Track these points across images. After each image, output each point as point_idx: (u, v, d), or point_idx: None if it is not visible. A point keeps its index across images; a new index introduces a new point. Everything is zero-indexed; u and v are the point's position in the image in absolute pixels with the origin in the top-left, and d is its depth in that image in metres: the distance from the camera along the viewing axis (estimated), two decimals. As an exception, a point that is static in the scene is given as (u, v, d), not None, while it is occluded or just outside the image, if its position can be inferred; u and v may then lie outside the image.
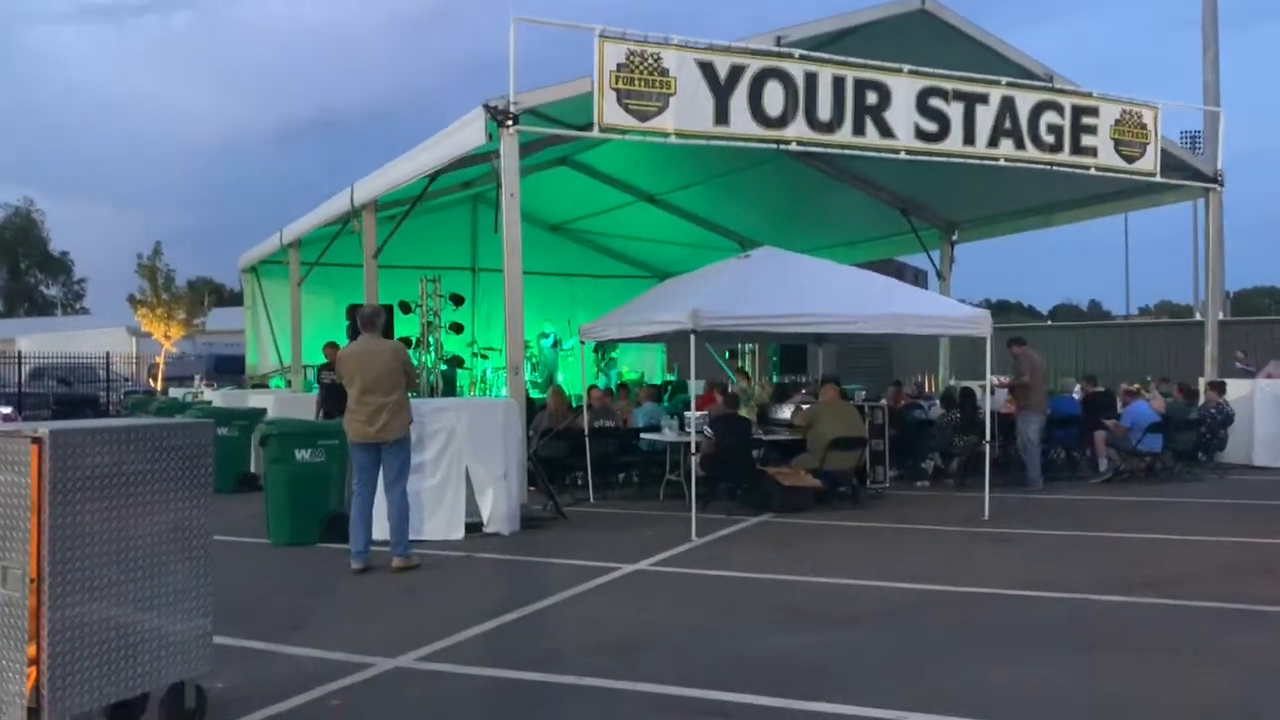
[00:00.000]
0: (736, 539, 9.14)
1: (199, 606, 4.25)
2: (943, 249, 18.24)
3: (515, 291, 10.15)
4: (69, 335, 37.61)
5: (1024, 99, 12.83)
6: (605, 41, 10.39)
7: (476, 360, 19.70)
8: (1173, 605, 6.51)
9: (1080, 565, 7.85)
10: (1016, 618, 6.33)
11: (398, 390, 7.82)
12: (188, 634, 4.20)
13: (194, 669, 4.27)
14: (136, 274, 33.92)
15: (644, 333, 10.72)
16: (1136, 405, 12.80)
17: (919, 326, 10.15)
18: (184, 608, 4.18)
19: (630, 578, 7.51)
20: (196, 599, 4.24)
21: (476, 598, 6.91)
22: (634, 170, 17.89)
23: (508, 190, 10.13)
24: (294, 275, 17.64)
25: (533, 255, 17.24)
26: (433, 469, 8.96)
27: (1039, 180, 14.17)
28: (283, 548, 8.86)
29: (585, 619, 6.35)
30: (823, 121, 11.59)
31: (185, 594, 4.18)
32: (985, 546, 8.72)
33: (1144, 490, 12.00)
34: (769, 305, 9.70)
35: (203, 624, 4.27)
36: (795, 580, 7.36)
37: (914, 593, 6.92)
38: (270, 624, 6.21)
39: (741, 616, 6.36)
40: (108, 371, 31.76)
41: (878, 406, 11.76)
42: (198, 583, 4.24)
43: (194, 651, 4.24)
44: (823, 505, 10.64)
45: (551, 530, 9.56)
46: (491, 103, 10.04)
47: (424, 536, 8.73)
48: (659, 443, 11.68)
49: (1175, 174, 14.36)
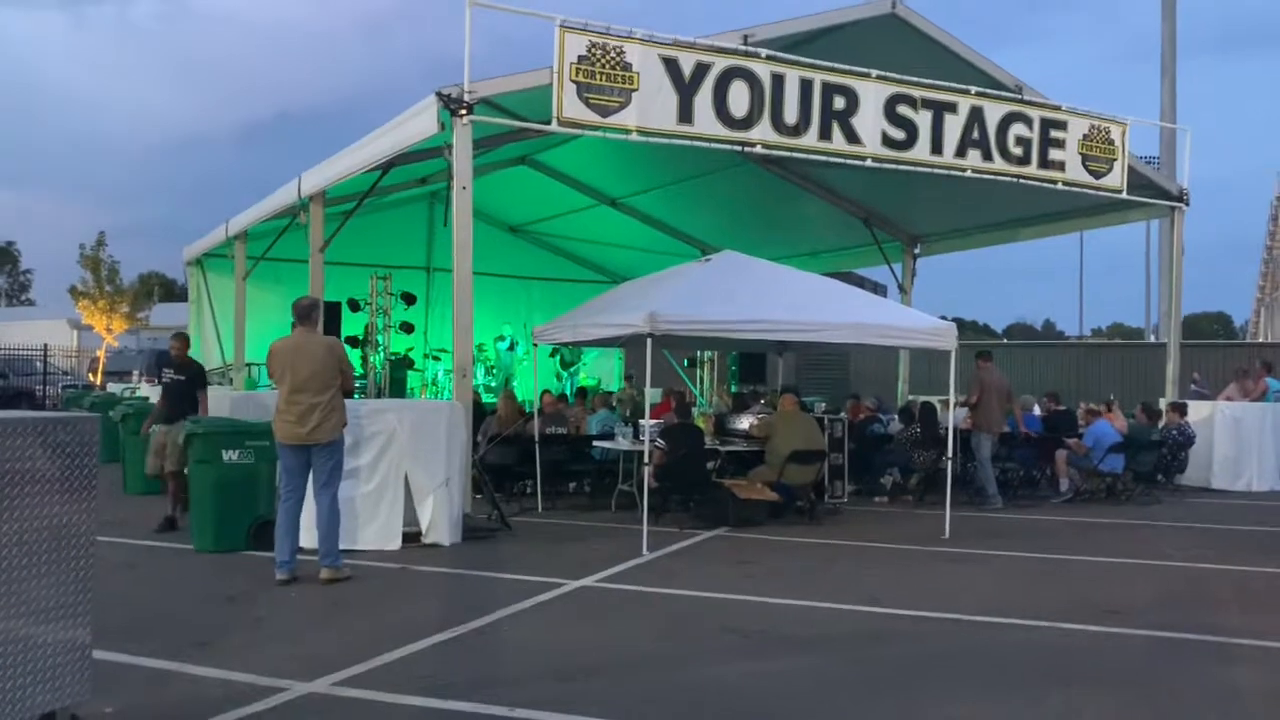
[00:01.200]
0: (689, 554, 8.72)
1: (76, 622, 3.75)
2: (905, 262, 18.01)
3: (465, 289, 9.67)
4: (6, 326, 36.36)
5: (993, 110, 12.60)
6: (566, 32, 9.97)
7: (429, 362, 19.17)
8: (1144, 636, 6.20)
9: (1045, 590, 7.53)
10: (981, 647, 5.97)
11: (330, 389, 7.30)
12: (61, 655, 3.70)
13: (68, 696, 3.76)
14: (78, 265, 32.87)
15: (599, 336, 10.28)
16: (1099, 424, 12.59)
17: (882, 337, 9.82)
18: (57, 624, 3.67)
19: (575, 595, 7.06)
20: (73, 614, 3.74)
21: (408, 615, 6.42)
22: (595, 172, 17.48)
23: (459, 183, 9.65)
24: (239, 269, 16.95)
25: (491, 257, 16.86)
26: (369, 474, 8.45)
27: (1005, 194, 13.98)
28: (206, 554, 8.30)
29: (524, 641, 5.89)
30: (789, 125, 11.26)
31: (58, 608, 3.68)
32: (946, 567, 8.38)
33: (1105, 511, 11.77)
34: (729, 310, 9.31)
35: (79, 643, 3.76)
36: (749, 600, 6.96)
37: (873, 617, 6.55)
38: (177, 640, 5.68)
39: (691, 640, 5.93)
40: (45, 364, 30.68)
41: (837, 419, 11.41)
42: (75, 596, 3.73)
43: (68, 676, 3.73)
44: (779, 520, 10.27)
45: (495, 542, 9.08)
46: (445, 91, 9.55)
47: (357, 546, 8.22)
48: (612, 451, 11.25)
49: (1141, 192, 14.23)
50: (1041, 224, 16.33)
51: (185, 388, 9.95)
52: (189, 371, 10.15)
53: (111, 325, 32.28)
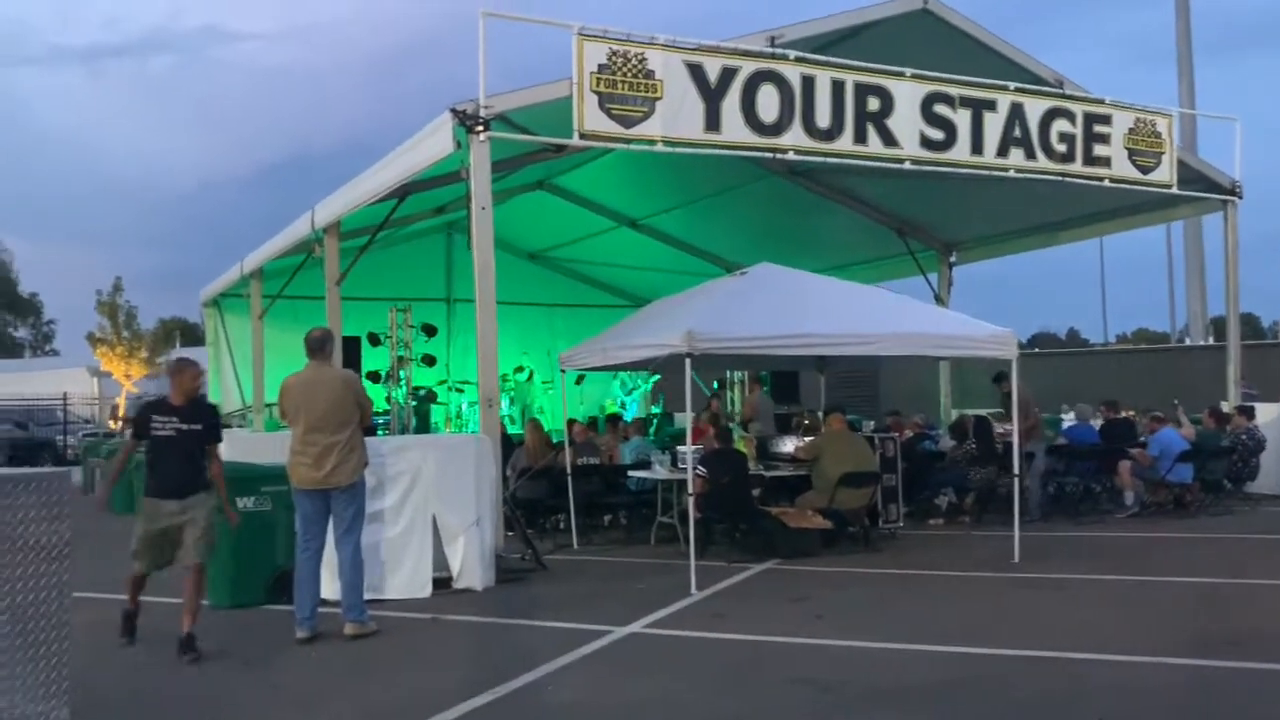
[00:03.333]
0: (741, 591, 8.05)
1: (50, 705, 3.15)
2: (941, 271, 17.34)
3: (488, 315, 9.11)
4: (26, 376, 36.15)
5: (1034, 106, 11.98)
6: (584, 40, 9.45)
7: (452, 394, 18.63)
8: (1273, 672, 5.47)
9: (1145, 618, 6.81)
10: (1087, 690, 5.26)
11: (349, 427, 6.72)
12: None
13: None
14: (96, 311, 32.66)
15: (631, 358, 9.67)
16: (1164, 432, 11.83)
17: (938, 347, 9.16)
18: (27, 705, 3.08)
19: (623, 644, 6.41)
20: (46, 695, 3.14)
21: (440, 676, 5.79)
22: (615, 193, 16.97)
23: (479, 203, 9.10)
24: (255, 308, 16.54)
25: (510, 285, 16.22)
26: (394, 517, 7.85)
27: (1044, 195, 13.36)
28: (223, 610, 7.70)
29: (571, 705, 5.23)
30: (821, 129, 10.68)
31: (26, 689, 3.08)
32: (1024, 595, 7.66)
33: (1176, 525, 11.02)
34: (771, 326, 8.67)
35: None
36: (815, 645, 6.28)
37: (960, 659, 5.86)
38: (184, 713, 5.08)
39: (758, 696, 5.26)
40: (65, 414, 30.37)
41: (889, 438, 10.73)
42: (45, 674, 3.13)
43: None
44: (832, 549, 9.58)
45: (531, 584, 8.44)
46: (460, 107, 9.04)
47: (385, 596, 7.61)
48: (648, 481, 10.62)
49: (1191, 186, 13.54)
50: (1083, 225, 15.65)
51: (198, 440, 6.53)
52: (204, 417, 6.66)
53: (130, 371, 31.98)
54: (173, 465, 6.39)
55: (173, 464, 6.39)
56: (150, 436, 6.42)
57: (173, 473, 6.38)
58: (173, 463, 6.40)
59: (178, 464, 6.41)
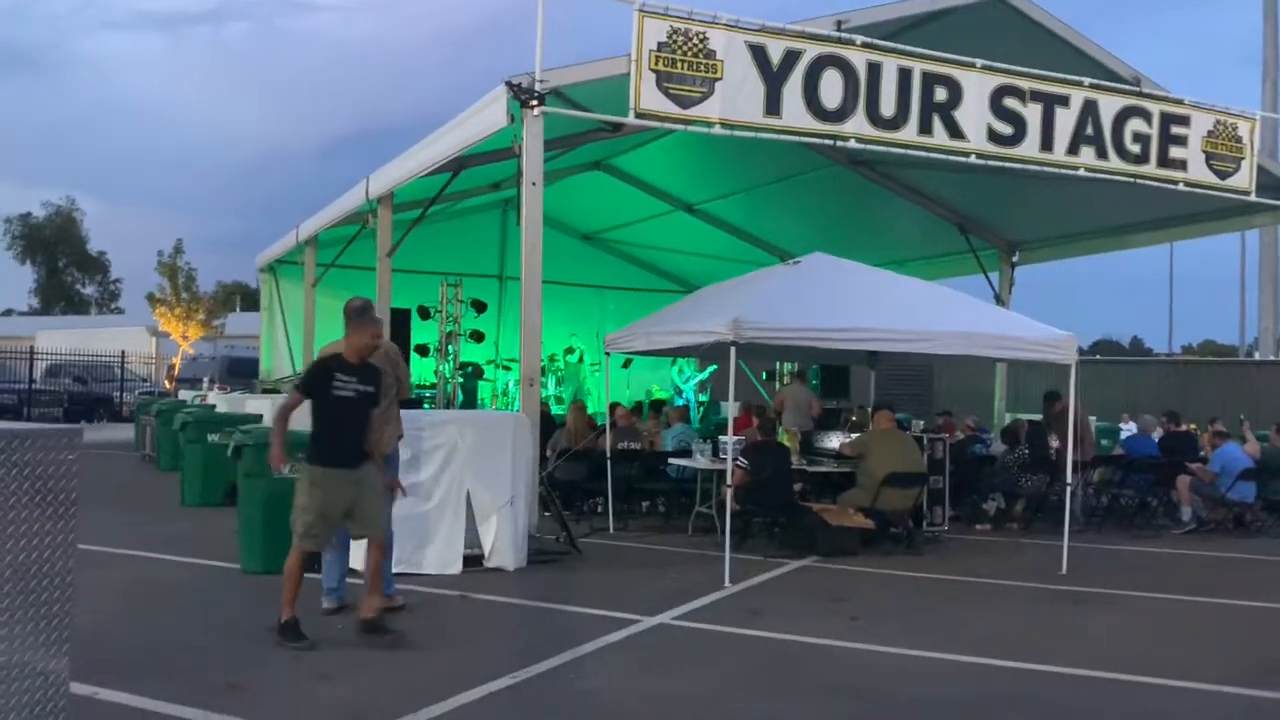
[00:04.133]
0: (777, 587, 7.86)
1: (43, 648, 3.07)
2: (1002, 271, 16.85)
3: (534, 292, 8.99)
4: (89, 333, 36.97)
5: (1108, 103, 11.51)
6: (645, 17, 9.23)
7: (499, 372, 18.62)
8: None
9: (1197, 640, 6.51)
10: (1139, 715, 5.01)
11: (385, 398, 6.63)
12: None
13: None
14: (156, 271, 33.22)
15: (675, 344, 9.51)
16: (1227, 448, 11.38)
17: (995, 348, 8.85)
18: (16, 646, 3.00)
19: (651, 635, 6.26)
20: (38, 648, 3.06)
21: (463, 655, 5.69)
22: (672, 177, 16.76)
23: (529, 179, 8.97)
24: (309, 275, 16.62)
25: (563, 265, 16.21)
26: (429, 491, 7.76)
27: (1114, 197, 12.86)
28: (254, 576, 7.70)
29: (592, 695, 5.08)
30: (885, 118, 10.35)
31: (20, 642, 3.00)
32: (1071, 610, 7.36)
33: (1236, 545, 10.59)
34: (821, 317, 8.44)
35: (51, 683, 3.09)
36: (851, 648, 6.07)
37: (1002, 673, 5.61)
38: (207, 680, 5.04)
39: (791, 700, 5.07)
40: (122, 371, 30.98)
41: (939, 439, 10.44)
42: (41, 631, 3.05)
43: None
44: (873, 549, 9.33)
45: (563, 567, 8.33)
46: (515, 80, 8.90)
47: (415, 570, 7.55)
48: (689, 469, 10.45)
49: (1271, 194, 12.97)
50: (1153, 230, 15.08)
51: (372, 405, 6.07)
52: (375, 380, 6.11)
53: (187, 333, 32.52)
54: (351, 431, 5.94)
55: (351, 429, 5.94)
56: (328, 397, 5.91)
57: (352, 439, 5.95)
58: (351, 428, 5.95)
59: (356, 429, 5.97)
